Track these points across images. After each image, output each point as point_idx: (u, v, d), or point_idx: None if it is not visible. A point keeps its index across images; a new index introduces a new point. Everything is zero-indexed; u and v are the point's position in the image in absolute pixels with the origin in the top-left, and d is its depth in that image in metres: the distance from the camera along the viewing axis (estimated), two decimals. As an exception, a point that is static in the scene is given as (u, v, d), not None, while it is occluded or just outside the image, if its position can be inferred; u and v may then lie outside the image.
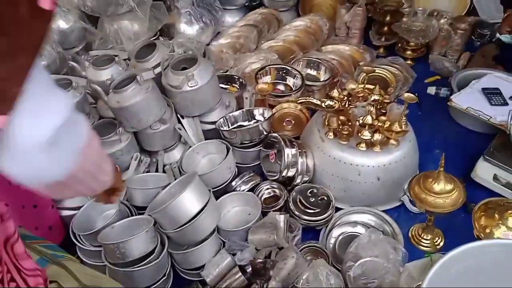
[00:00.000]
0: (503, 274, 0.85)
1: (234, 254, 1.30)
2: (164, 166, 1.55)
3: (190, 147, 1.57)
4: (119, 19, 1.93)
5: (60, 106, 0.52)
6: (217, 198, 1.43)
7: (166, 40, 1.98)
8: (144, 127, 1.48)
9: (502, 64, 2.05)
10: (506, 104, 1.72)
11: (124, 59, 1.75)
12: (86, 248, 1.30)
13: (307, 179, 1.53)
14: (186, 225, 1.25)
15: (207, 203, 1.28)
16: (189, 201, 1.26)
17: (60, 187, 0.58)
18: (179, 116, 1.62)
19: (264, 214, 1.40)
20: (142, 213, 1.36)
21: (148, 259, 1.22)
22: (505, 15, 1.98)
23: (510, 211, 1.10)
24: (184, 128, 1.60)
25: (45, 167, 0.53)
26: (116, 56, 1.66)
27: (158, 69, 1.65)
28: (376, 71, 2.01)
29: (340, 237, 1.40)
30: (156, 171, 1.53)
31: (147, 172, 1.51)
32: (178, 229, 1.25)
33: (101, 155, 0.64)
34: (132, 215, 1.36)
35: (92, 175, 0.62)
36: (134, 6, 1.83)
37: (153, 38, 1.98)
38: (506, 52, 2.04)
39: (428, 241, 1.39)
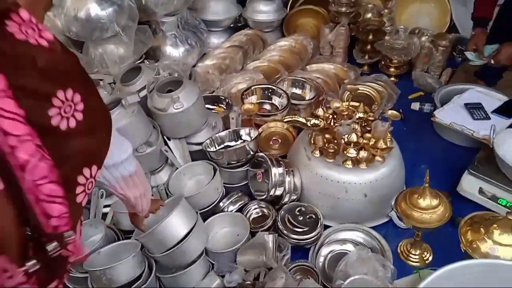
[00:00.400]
0: None
1: (223, 276, 1.29)
2: (151, 188, 1.54)
3: (177, 168, 1.56)
4: (104, 43, 1.94)
5: (128, 144, 0.92)
6: (205, 219, 1.42)
7: (152, 63, 2.00)
8: (129, 150, 1.47)
9: (483, 79, 2.10)
10: (488, 118, 1.75)
11: (109, 83, 1.76)
12: (72, 274, 1.27)
13: (295, 197, 1.53)
14: (173, 249, 1.23)
15: (194, 225, 1.27)
16: (176, 224, 1.25)
17: (132, 181, 0.92)
18: (165, 138, 1.63)
19: (252, 234, 1.40)
20: (129, 237, 1.34)
21: (135, 284, 1.20)
22: (473, 33, 2.03)
23: (495, 225, 1.11)
24: (171, 150, 1.60)
25: (126, 167, 0.90)
26: (101, 80, 1.67)
27: (144, 92, 1.66)
28: (361, 88, 2.04)
29: (329, 255, 1.39)
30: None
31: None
32: (166, 253, 1.24)
33: (146, 181, 1.01)
34: (119, 240, 1.34)
35: (143, 189, 0.97)
36: (119, 31, 1.84)
37: (139, 61, 1.99)
38: (487, 68, 2.08)
39: (417, 256, 1.39)
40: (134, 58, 1.98)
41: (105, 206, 1.47)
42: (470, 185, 1.55)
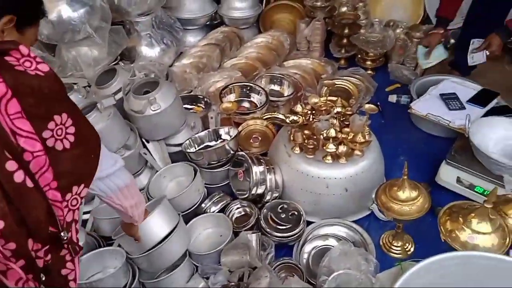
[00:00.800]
0: (462, 284, 0.87)
1: (208, 278, 1.28)
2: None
3: (157, 171, 1.54)
4: (77, 45, 1.89)
5: (117, 155, 0.96)
6: (187, 221, 1.41)
7: (127, 64, 1.97)
8: (107, 155, 1.45)
9: (457, 69, 2.13)
10: (464, 108, 1.78)
11: (84, 86, 1.72)
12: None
13: (277, 195, 1.53)
14: (153, 250, 1.20)
15: (176, 226, 1.25)
16: (157, 224, 1.22)
17: (128, 191, 0.96)
18: (144, 140, 1.60)
19: (236, 234, 1.39)
20: (111, 244, 1.32)
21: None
22: (431, 32, 2.07)
23: (472, 214, 1.13)
24: (150, 153, 1.58)
25: (117, 181, 0.92)
26: (75, 84, 1.64)
27: (120, 95, 1.64)
28: (338, 83, 2.05)
29: (313, 251, 1.40)
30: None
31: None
32: (145, 254, 1.21)
33: (139, 192, 1.03)
34: (100, 246, 1.32)
35: (138, 199, 1.00)
36: (91, 33, 1.81)
37: (114, 63, 1.96)
38: (461, 58, 2.12)
39: (399, 248, 1.41)
40: (108, 60, 1.95)
41: (85, 213, 1.44)
42: (448, 175, 1.58)
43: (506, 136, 1.59)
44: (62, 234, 0.75)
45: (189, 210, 1.45)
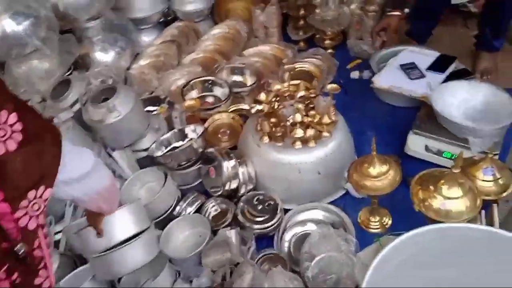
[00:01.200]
0: (439, 258, 0.89)
1: (191, 281, 1.26)
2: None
3: (126, 180, 1.51)
4: (27, 60, 1.81)
5: (88, 154, 0.86)
6: (163, 226, 1.38)
7: (82, 73, 1.90)
8: (71, 170, 1.40)
9: (414, 38, 2.15)
10: (424, 76, 1.80)
11: (39, 102, 1.66)
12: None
13: (251, 187, 1.52)
14: (110, 251, 1.10)
15: (145, 230, 1.18)
16: (124, 221, 1.12)
17: (106, 195, 0.89)
18: (109, 150, 1.56)
19: (215, 232, 1.38)
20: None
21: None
22: (388, 14, 2.11)
23: (442, 181, 1.15)
24: (116, 162, 1.54)
25: (94, 183, 0.85)
26: (28, 100, 1.57)
27: (78, 106, 1.59)
28: (300, 65, 2.04)
29: (293, 239, 1.39)
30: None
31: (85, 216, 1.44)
32: (101, 255, 1.10)
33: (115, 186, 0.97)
34: (76, 266, 1.28)
35: (113, 195, 0.95)
36: (39, 45, 1.73)
37: (68, 73, 1.89)
38: (416, 26, 2.14)
39: (377, 223, 1.43)
40: (62, 71, 1.87)
41: (56, 233, 1.40)
42: (415, 144, 1.60)
43: (467, 99, 1.61)
44: (18, 247, 0.69)
45: (164, 215, 1.43)
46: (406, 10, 2.12)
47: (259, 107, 1.52)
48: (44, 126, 0.74)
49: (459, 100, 1.60)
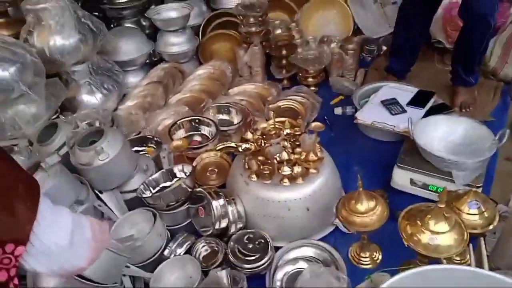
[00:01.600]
0: None
1: (182, 325, 1.24)
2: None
3: (115, 222, 1.49)
4: (13, 104, 1.81)
5: (67, 219, 0.78)
6: (153, 269, 1.36)
7: (69, 115, 1.91)
8: (59, 215, 1.38)
9: (393, 74, 2.23)
10: (405, 111, 1.86)
11: (26, 146, 1.65)
12: None
13: (241, 225, 1.52)
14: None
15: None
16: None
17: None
18: (97, 192, 1.55)
19: (205, 273, 1.36)
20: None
21: None
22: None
23: (429, 216, 1.17)
24: (105, 204, 1.52)
25: (71, 260, 0.76)
26: (15, 145, 1.57)
27: (65, 149, 1.58)
28: (284, 103, 2.09)
29: (285, 278, 1.38)
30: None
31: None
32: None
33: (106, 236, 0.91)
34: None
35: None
36: (26, 90, 1.74)
37: (54, 117, 1.89)
38: (395, 63, 2.22)
39: (367, 258, 1.43)
40: (48, 115, 1.87)
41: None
42: (401, 178, 1.63)
43: (447, 132, 1.67)
44: None
45: (154, 257, 1.41)
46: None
47: (246, 145, 1.54)
48: (19, 178, 0.69)
49: (440, 134, 1.66)
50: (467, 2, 1.85)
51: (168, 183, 1.62)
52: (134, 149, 1.77)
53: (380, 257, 1.45)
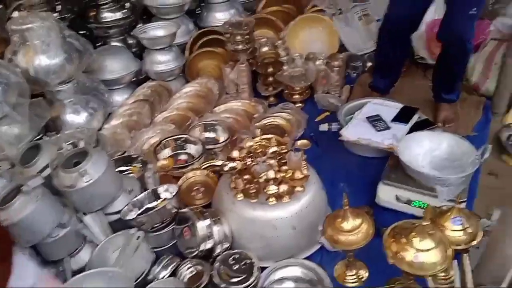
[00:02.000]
0: None
1: None
2: (73, 272, 1.43)
3: (98, 245, 1.47)
4: (-4, 125, 1.80)
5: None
6: (137, 293, 1.34)
7: (53, 136, 1.89)
8: (40, 238, 1.36)
9: (377, 90, 2.25)
10: (389, 128, 1.87)
11: (8, 168, 1.63)
12: None
13: (227, 245, 1.50)
14: None
15: None
16: None
17: None
18: (80, 214, 1.53)
19: (191, 295, 1.34)
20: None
21: None
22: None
23: (413, 233, 1.17)
24: (88, 226, 1.50)
25: None
26: (-3, 168, 1.54)
27: (48, 171, 1.56)
28: (270, 120, 2.10)
29: (271, 298, 1.38)
30: (65, 281, 1.41)
31: None
32: None
33: None
34: None
35: None
36: (9, 111, 1.72)
37: (38, 138, 1.87)
38: (378, 81, 2.25)
39: (353, 277, 1.43)
40: (32, 135, 1.85)
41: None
42: (386, 194, 1.64)
43: (431, 148, 1.69)
44: None
45: (139, 280, 1.38)
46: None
47: (232, 164, 1.53)
48: None
49: (424, 150, 1.67)
50: (444, 26, 1.88)
51: (153, 204, 1.60)
52: (119, 168, 1.76)
53: (366, 274, 1.45)
